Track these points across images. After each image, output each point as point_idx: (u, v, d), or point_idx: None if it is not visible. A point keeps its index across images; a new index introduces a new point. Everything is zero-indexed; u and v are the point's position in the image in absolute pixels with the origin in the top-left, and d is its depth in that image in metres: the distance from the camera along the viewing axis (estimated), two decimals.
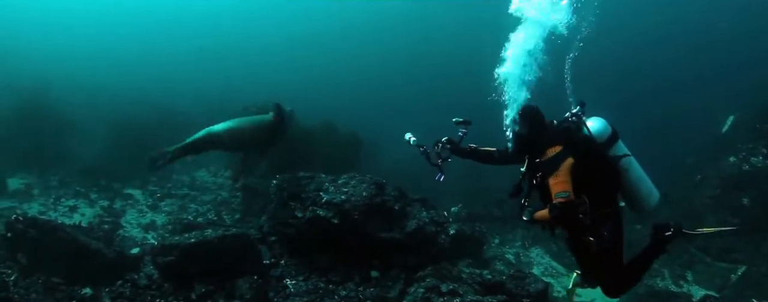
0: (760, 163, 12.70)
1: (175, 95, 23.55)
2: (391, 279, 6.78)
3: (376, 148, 15.19)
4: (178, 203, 13.07)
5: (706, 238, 11.54)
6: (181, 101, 21.98)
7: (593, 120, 4.19)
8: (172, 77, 30.40)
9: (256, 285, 6.61)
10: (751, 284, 10.31)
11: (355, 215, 6.88)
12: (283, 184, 7.77)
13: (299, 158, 10.84)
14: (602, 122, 4.20)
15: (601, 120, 4.21)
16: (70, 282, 6.49)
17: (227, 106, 16.65)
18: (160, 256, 6.70)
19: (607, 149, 4.16)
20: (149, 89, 23.55)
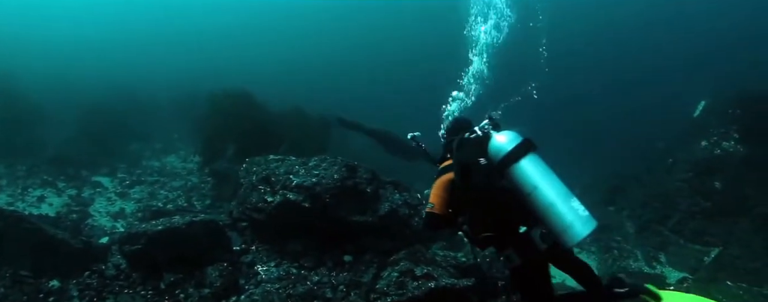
0: (731, 148, 12.81)
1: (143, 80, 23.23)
2: (365, 264, 6.66)
3: (346, 132, 15.06)
4: (148, 190, 12.86)
5: (679, 220, 11.65)
6: (149, 87, 21.68)
7: (502, 134, 4.04)
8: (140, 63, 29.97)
9: (226, 272, 6.48)
10: (725, 266, 10.38)
11: (327, 199, 6.73)
12: (252, 167, 7.59)
13: (269, 142, 10.67)
14: (503, 139, 4.00)
15: (508, 136, 4.01)
16: (38, 274, 6.28)
17: (195, 91, 16.48)
18: (127, 245, 6.53)
19: (504, 168, 3.94)
20: (117, 75, 23.19)
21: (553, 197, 3.77)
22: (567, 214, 3.71)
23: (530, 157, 3.92)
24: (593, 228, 3.70)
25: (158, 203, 11.87)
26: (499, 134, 4.04)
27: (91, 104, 17.18)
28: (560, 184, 3.84)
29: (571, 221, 3.68)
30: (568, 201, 3.76)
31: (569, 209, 3.73)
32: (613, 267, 11.28)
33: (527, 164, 3.89)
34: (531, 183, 3.83)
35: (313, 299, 6.26)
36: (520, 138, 4.01)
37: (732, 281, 9.98)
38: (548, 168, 3.91)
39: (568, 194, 3.80)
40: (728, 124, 13.37)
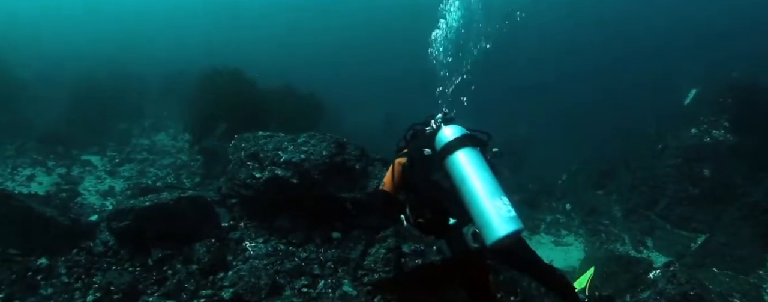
0: (721, 136, 12.90)
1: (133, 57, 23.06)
2: (353, 240, 6.65)
3: (338, 112, 15.09)
4: (137, 168, 12.84)
5: (667, 205, 11.73)
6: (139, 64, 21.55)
7: (448, 128, 4.21)
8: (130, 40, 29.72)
9: (213, 248, 6.45)
10: (711, 253, 10.50)
11: (315, 175, 6.70)
12: (240, 143, 7.55)
13: (259, 119, 10.63)
14: (447, 132, 4.16)
15: (452, 130, 4.17)
16: (26, 252, 6.24)
17: (185, 68, 16.42)
18: (115, 221, 6.48)
19: (441, 159, 4.07)
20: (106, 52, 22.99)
21: (478, 193, 3.82)
22: (488, 211, 3.72)
23: (467, 151, 4.00)
24: (514, 229, 3.68)
25: (147, 181, 11.83)
26: (446, 127, 4.22)
27: (81, 82, 17.06)
28: (491, 181, 3.87)
29: (491, 218, 3.70)
30: (494, 199, 3.76)
31: (493, 206, 3.73)
32: (600, 250, 11.37)
33: (460, 157, 3.98)
34: (460, 176, 3.92)
35: (301, 275, 6.25)
36: (462, 132, 4.15)
37: (718, 268, 10.08)
38: (484, 165, 3.98)
39: (495, 192, 3.81)
40: (719, 112, 13.47)
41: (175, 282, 5.99)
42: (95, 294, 5.67)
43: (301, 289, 6.01)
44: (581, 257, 11.23)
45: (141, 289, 5.89)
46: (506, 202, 3.78)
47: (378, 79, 30.42)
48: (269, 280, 5.94)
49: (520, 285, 6.33)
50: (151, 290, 5.92)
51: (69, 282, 6.01)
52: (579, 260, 10.99)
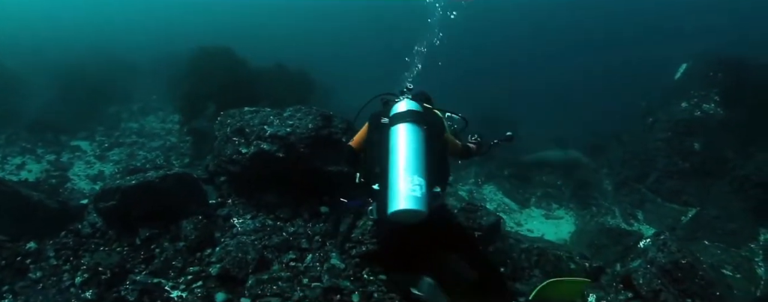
0: (711, 110, 12.91)
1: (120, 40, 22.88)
2: (346, 213, 6.62)
3: (330, 91, 15.04)
4: (127, 152, 12.76)
5: (657, 179, 11.75)
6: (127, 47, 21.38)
7: (404, 102, 4.47)
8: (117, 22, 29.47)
9: (200, 225, 6.41)
10: (702, 226, 10.54)
11: (301, 148, 6.65)
12: (226, 119, 7.49)
13: (249, 99, 10.55)
14: (401, 105, 4.41)
15: (406, 104, 4.41)
16: (15, 238, 6.20)
17: (174, 50, 16.28)
18: (102, 202, 6.42)
19: (387, 128, 4.29)
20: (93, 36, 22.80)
21: (397, 166, 3.97)
22: (397, 184, 3.86)
23: (407, 126, 4.18)
24: (410, 208, 3.74)
25: (137, 163, 11.77)
26: (402, 102, 4.46)
27: (68, 68, 16.93)
28: (415, 160, 3.98)
29: (396, 192, 3.83)
30: (407, 175, 3.87)
31: (403, 181, 3.85)
32: (590, 223, 11.39)
33: (398, 130, 4.16)
34: (391, 147, 4.10)
35: (289, 249, 6.22)
36: (411, 108, 4.34)
37: (710, 241, 10.11)
38: (417, 143, 4.09)
39: (412, 171, 3.90)
40: (709, 87, 13.49)
41: (163, 260, 5.96)
42: (83, 276, 5.64)
43: (288, 263, 5.98)
44: (572, 230, 11.27)
45: (129, 268, 5.85)
46: (418, 182, 3.85)
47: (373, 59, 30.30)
48: (257, 255, 5.91)
49: (511, 256, 6.33)
50: (139, 269, 5.88)
51: (57, 264, 5.98)
52: (569, 233, 11.03)
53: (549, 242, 7.89)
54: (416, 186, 3.82)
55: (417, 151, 4.04)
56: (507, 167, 14.49)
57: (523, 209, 12.60)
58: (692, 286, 4.82)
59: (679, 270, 4.92)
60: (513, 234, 7.43)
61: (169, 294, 5.53)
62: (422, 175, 3.92)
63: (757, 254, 9.76)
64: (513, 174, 14.06)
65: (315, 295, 5.38)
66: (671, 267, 4.96)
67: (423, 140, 4.15)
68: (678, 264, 4.97)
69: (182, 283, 5.68)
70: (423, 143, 4.13)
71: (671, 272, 4.93)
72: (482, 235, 6.39)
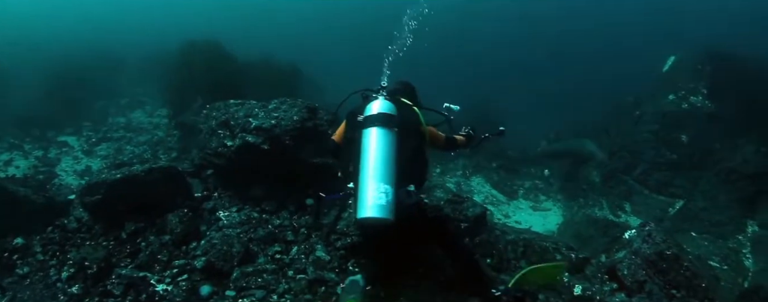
0: (699, 103, 12.99)
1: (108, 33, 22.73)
2: (327, 206, 6.61)
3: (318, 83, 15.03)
4: (114, 147, 12.73)
5: (644, 171, 11.80)
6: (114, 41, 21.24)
7: (378, 102, 4.41)
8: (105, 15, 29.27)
9: (186, 218, 6.40)
10: (689, 217, 10.62)
11: (286, 141, 6.63)
12: (212, 112, 7.46)
13: (237, 92, 10.52)
14: (375, 106, 4.36)
15: (380, 105, 4.35)
16: (2, 234, 6.19)
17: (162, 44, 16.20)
18: (88, 196, 6.39)
19: (360, 128, 4.31)
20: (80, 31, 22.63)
21: (367, 171, 4.04)
22: (365, 191, 3.95)
23: (378, 130, 4.21)
24: (374, 216, 3.86)
25: (124, 158, 11.73)
26: (376, 102, 4.42)
27: (55, 62, 16.82)
28: (384, 166, 4.06)
29: (364, 198, 3.93)
30: (376, 183, 3.95)
31: (371, 189, 3.94)
32: (578, 214, 11.44)
33: (370, 134, 4.21)
34: (363, 150, 4.14)
35: (274, 242, 6.21)
36: (384, 110, 4.31)
37: (697, 232, 10.18)
38: (387, 148, 4.15)
39: (381, 178, 3.99)
40: (697, 80, 13.57)
41: (148, 254, 5.95)
42: (69, 270, 5.64)
43: (274, 256, 5.97)
44: (559, 221, 11.31)
45: (114, 262, 5.84)
46: (386, 190, 3.93)
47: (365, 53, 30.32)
48: (242, 248, 5.90)
49: (497, 247, 6.33)
50: (125, 262, 5.87)
51: (44, 259, 5.98)
52: (557, 224, 11.07)
53: (535, 233, 7.89)
54: (382, 194, 3.90)
55: (385, 157, 4.10)
56: (495, 158, 14.53)
57: (510, 200, 12.63)
58: (677, 277, 4.81)
59: (663, 261, 4.91)
60: (499, 226, 7.44)
61: (154, 287, 5.51)
62: (389, 182, 4.00)
63: (745, 246, 9.83)
64: (501, 166, 14.10)
65: (300, 287, 5.38)
66: (656, 257, 4.95)
67: (393, 144, 4.20)
68: (663, 255, 4.97)
69: (167, 276, 5.67)
70: (393, 147, 4.19)
71: (656, 263, 4.92)
72: (468, 226, 6.39)
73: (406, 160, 4.30)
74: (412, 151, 4.42)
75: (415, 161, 4.47)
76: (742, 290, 7.71)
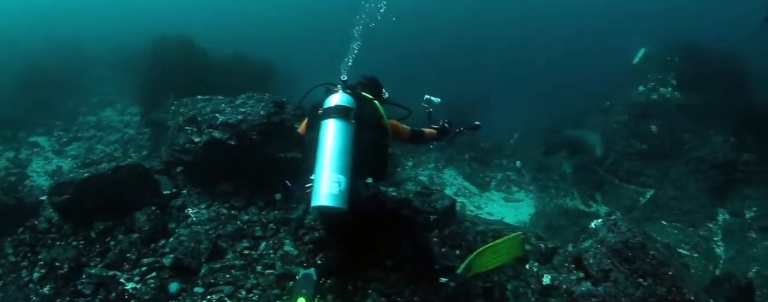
0: (668, 93, 13.17)
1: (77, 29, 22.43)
2: (295, 201, 6.60)
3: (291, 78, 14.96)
4: (85, 146, 12.62)
5: (615, 161, 11.93)
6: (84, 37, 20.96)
7: (338, 94, 4.51)
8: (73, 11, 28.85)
9: (154, 216, 6.36)
10: (660, 206, 10.75)
11: (253, 136, 6.61)
12: (179, 108, 7.39)
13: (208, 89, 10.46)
14: (334, 98, 4.45)
15: (339, 98, 4.44)
16: None
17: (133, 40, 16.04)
18: (56, 196, 6.32)
19: (319, 120, 4.42)
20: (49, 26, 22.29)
21: (323, 161, 4.15)
22: (321, 180, 4.08)
23: (335, 121, 4.31)
24: (326, 205, 3.99)
25: (95, 158, 11.61)
26: (335, 95, 4.51)
27: (24, 61, 16.54)
28: (340, 156, 4.17)
29: (319, 187, 4.06)
30: (331, 173, 4.08)
31: (326, 178, 4.06)
32: (549, 205, 11.53)
33: (327, 125, 4.31)
34: (321, 141, 4.25)
35: (243, 237, 6.20)
36: (342, 103, 4.40)
37: (667, 221, 10.31)
38: (343, 139, 4.25)
39: (337, 168, 4.11)
40: (666, 71, 13.74)
41: (117, 253, 5.93)
42: (40, 271, 5.65)
43: (242, 251, 5.96)
44: (531, 212, 11.39)
45: (84, 262, 5.82)
46: (339, 180, 4.06)
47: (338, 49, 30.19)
48: (210, 244, 5.89)
49: (466, 238, 6.36)
50: (95, 262, 5.85)
51: (16, 261, 5.96)
52: (529, 215, 11.15)
53: (506, 224, 7.96)
54: (335, 183, 4.03)
55: (340, 147, 4.19)
56: (468, 150, 14.59)
57: (483, 192, 12.67)
58: (643, 265, 4.79)
59: (629, 250, 4.90)
60: (469, 217, 7.48)
61: (124, 286, 5.51)
62: (343, 172, 4.11)
63: (716, 234, 9.97)
64: (473, 158, 14.16)
65: (268, 282, 5.40)
66: (621, 246, 4.93)
67: (349, 136, 4.29)
68: (628, 243, 4.95)
69: (136, 275, 5.67)
70: (348, 138, 4.28)
71: (621, 251, 4.91)
72: (437, 218, 6.41)
73: (365, 152, 4.38)
74: (371, 144, 4.50)
75: (374, 154, 4.56)
76: (714, 277, 7.78)
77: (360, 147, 4.35)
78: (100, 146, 12.57)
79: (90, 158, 11.43)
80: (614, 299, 4.62)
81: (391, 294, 5.14)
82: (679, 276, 4.84)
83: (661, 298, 4.56)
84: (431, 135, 5.30)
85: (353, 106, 4.45)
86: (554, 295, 5.52)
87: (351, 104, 4.44)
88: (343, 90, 4.61)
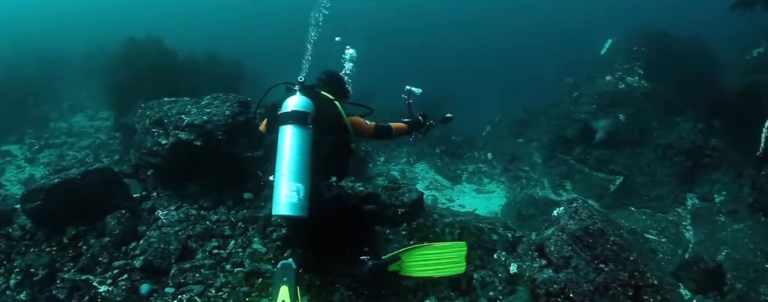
0: (635, 83, 13.39)
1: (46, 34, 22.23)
2: (264, 200, 6.65)
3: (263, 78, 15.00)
4: (57, 153, 12.61)
5: (584, 150, 12.11)
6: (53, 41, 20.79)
7: (296, 97, 4.44)
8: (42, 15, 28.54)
9: (124, 219, 6.38)
10: (629, 193, 10.92)
11: (219, 136, 6.66)
12: (146, 111, 7.41)
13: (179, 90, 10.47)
14: (292, 102, 4.39)
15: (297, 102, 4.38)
16: None
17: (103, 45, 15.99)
18: (28, 202, 6.32)
19: (277, 124, 4.41)
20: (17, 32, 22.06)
21: (281, 169, 4.19)
22: (279, 189, 4.16)
23: (292, 128, 4.28)
24: (285, 214, 4.13)
25: (67, 164, 11.59)
26: (295, 96, 4.46)
27: None
28: (297, 164, 4.20)
29: (278, 196, 4.16)
30: (290, 181, 4.14)
31: (285, 187, 4.13)
32: (520, 195, 11.67)
33: (285, 132, 4.29)
34: (279, 147, 4.25)
35: (212, 237, 6.25)
36: (301, 106, 4.36)
37: (636, 207, 10.49)
38: (301, 146, 4.25)
39: (295, 177, 4.15)
40: (633, 60, 13.95)
41: (89, 257, 5.95)
42: (17, 278, 5.65)
43: (212, 251, 6.01)
44: (502, 203, 11.50)
45: (58, 267, 5.86)
46: (297, 188, 4.12)
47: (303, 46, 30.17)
48: (180, 245, 5.92)
49: (433, 230, 6.47)
50: (68, 267, 5.87)
51: None
52: (500, 206, 11.26)
53: (474, 215, 8.07)
54: (293, 192, 4.11)
55: (298, 155, 4.21)
56: (439, 144, 14.71)
57: (454, 185, 12.78)
58: (604, 251, 4.84)
59: (589, 236, 4.95)
60: (438, 210, 7.58)
61: (97, 289, 5.54)
62: (301, 180, 4.15)
63: (685, 218, 10.12)
64: (445, 151, 14.27)
65: (237, 280, 5.46)
66: (582, 233, 4.97)
67: (307, 142, 4.29)
68: (588, 230, 4.98)
69: (109, 278, 5.69)
70: (306, 145, 4.28)
71: (582, 238, 4.97)
72: (405, 212, 6.51)
73: (325, 154, 4.43)
74: (332, 145, 4.53)
75: (334, 155, 4.60)
76: (682, 261, 7.90)
77: (320, 150, 4.38)
78: (71, 152, 12.57)
79: (62, 165, 11.41)
80: (576, 285, 4.65)
81: (357, 287, 5.21)
82: (642, 261, 4.91)
83: (623, 283, 4.61)
84: (400, 129, 5.31)
85: (310, 110, 4.41)
86: (520, 283, 5.62)
87: (308, 108, 4.40)
88: (301, 92, 4.54)
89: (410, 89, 5.41)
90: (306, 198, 4.13)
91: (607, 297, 4.57)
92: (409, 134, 5.44)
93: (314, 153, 4.32)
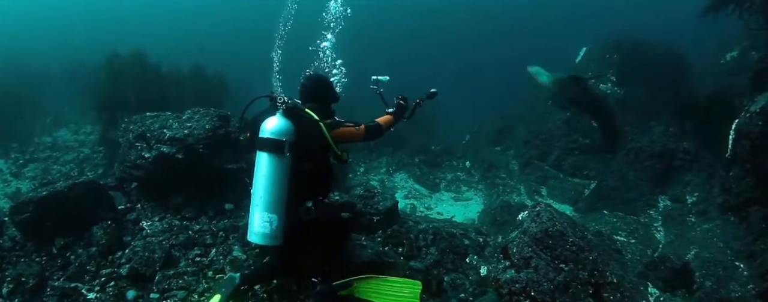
0: (608, 89, 13.69)
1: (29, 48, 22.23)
2: (244, 210, 6.91)
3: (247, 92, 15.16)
4: (42, 167, 12.67)
5: (558, 156, 12.41)
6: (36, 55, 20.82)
7: (275, 118, 4.23)
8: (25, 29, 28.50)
9: (110, 230, 6.61)
10: (602, 197, 11.15)
11: (200, 149, 6.92)
12: (129, 126, 7.66)
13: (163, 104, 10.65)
14: (268, 125, 4.19)
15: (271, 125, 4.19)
16: None
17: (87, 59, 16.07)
18: (17, 215, 6.55)
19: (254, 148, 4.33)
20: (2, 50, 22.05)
21: (256, 198, 4.24)
22: (254, 218, 4.23)
23: (267, 156, 4.19)
24: (259, 243, 4.23)
25: (52, 178, 11.73)
26: (274, 118, 4.25)
27: None
28: (273, 195, 4.18)
29: (252, 224, 4.24)
30: (263, 212, 4.23)
31: (257, 217, 4.21)
32: (496, 201, 11.88)
33: (261, 159, 4.22)
34: (255, 172, 4.26)
35: (194, 246, 6.50)
36: (278, 133, 4.17)
37: (609, 210, 10.73)
38: (278, 176, 4.19)
39: (268, 208, 4.19)
40: (606, 67, 14.23)
41: (78, 266, 6.18)
42: (9, 286, 5.86)
43: (194, 259, 6.26)
44: (479, 209, 11.70)
45: (48, 276, 6.10)
46: (270, 219, 4.16)
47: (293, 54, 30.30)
48: (163, 253, 6.17)
49: (407, 237, 6.74)
50: (57, 275, 6.12)
51: None
52: (477, 212, 11.45)
53: (448, 221, 8.32)
54: (266, 223, 4.16)
55: (273, 185, 4.17)
56: (418, 154, 14.98)
57: (433, 193, 12.98)
58: (564, 252, 5.06)
59: (549, 238, 5.16)
60: (412, 217, 7.84)
61: (86, 296, 5.79)
62: (275, 211, 4.17)
63: (656, 220, 10.34)
64: (423, 161, 14.53)
65: (218, 286, 5.69)
66: (542, 235, 5.18)
67: (283, 171, 4.20)
68: (548, 232, 5.18)
69: (97, 285, 5.94)
70: (283, 173, 4.20)
71: (542, 240, 5.18)
72: (380, 219, 6.79)
73: (305, 179, 4.38)
74: (312, 168, 4.46)
75: (315, 177, 4.54)
76: (648, 261, 8.10)
77: (300, 176, 4.30)
78: (56, 166, 12.68)
79: (47, 179, 11.56)
80: (536, 284, 4.86)
81: None
82: (602, 261, 5.15)
83: (583, 281, 4.85)
84: (389, 122, 5.14)
85: (288, 136, 4.19)
86: (489, 285, 5.87)
87: (285, 136, 4.18)
88: (281, 113, 4.28)
89: (377, 78, 5.34)
90: (279, 228, 4.17)
91: (568, 295, 4.76)
92: (398, 121, 5.26)
93: (292, 180, 4.24)
